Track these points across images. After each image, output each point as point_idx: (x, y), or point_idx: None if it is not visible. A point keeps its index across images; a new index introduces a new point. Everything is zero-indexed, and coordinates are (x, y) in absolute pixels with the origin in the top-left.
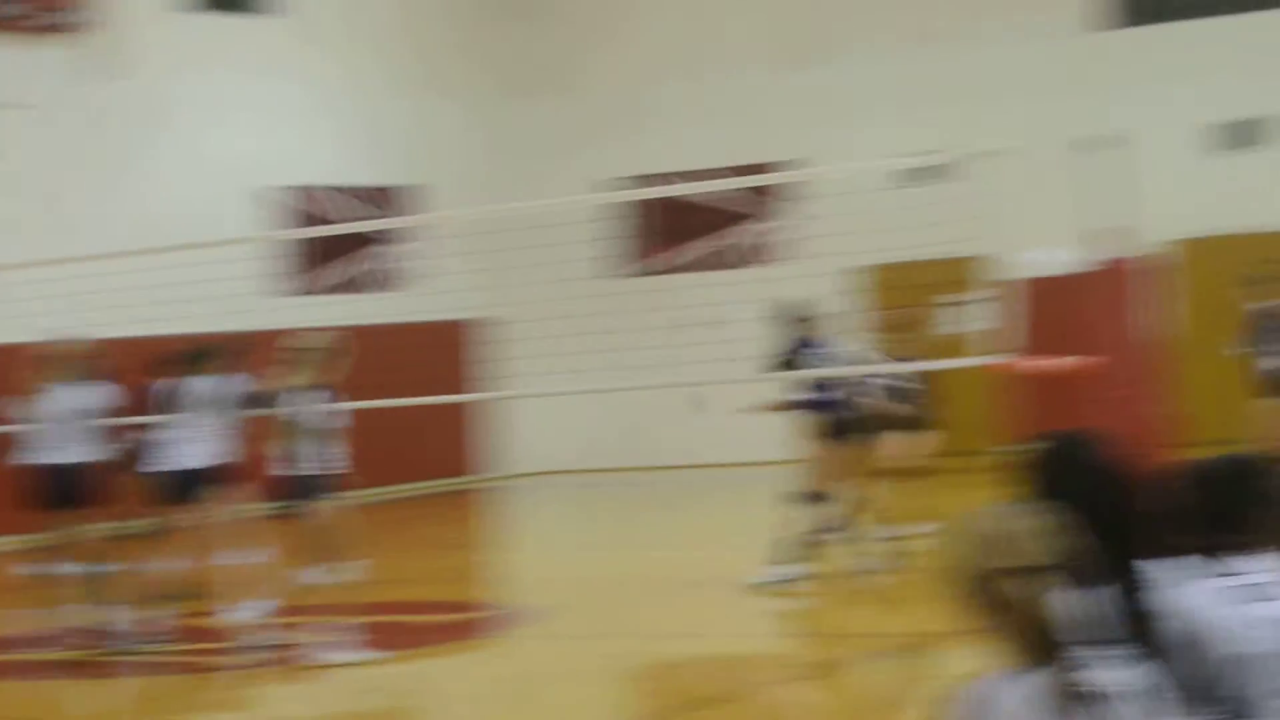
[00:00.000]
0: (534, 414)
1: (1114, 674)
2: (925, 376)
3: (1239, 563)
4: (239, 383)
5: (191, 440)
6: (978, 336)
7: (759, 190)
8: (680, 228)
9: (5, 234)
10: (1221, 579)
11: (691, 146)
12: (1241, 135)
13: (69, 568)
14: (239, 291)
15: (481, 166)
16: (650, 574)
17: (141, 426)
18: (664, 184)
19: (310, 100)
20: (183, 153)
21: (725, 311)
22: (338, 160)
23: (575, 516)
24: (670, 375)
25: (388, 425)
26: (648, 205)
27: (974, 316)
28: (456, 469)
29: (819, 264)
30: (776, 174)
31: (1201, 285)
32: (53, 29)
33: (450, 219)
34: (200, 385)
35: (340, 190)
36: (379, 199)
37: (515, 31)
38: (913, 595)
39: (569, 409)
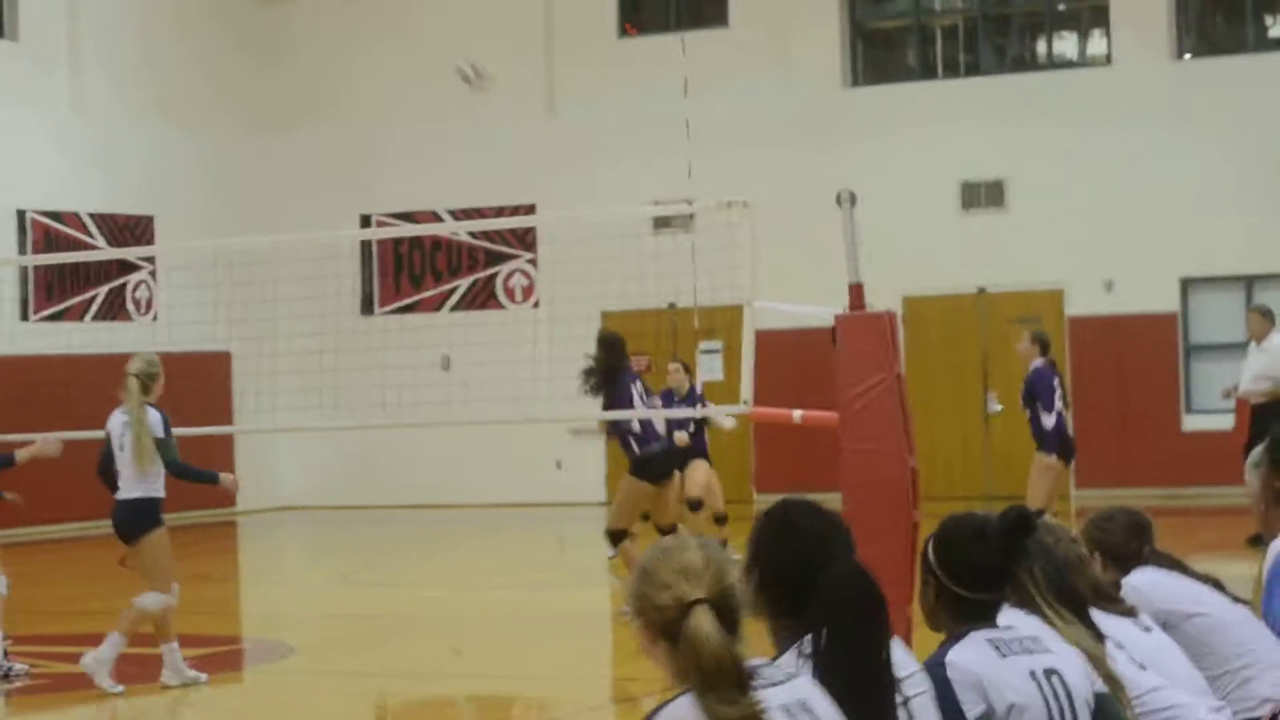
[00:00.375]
0: (284, 449)
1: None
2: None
3: (1010, 616)
4: None
5: None
6: (717, 384)
7: (506, 232)
8: (416, 268)
9: None
10: (993, 632)
11: (429, 187)
12: (990, 195)
13: None
14: None
15: (212, 199)
16: (408, 612)
17: None
18: (401, 223)
19: (44, 124)
20: None
21: (472, 352)
22: (75, 187)
23: (330, 552)
24: (410, 415)
25: None
26: (385, 245)
27: (714, 365)
28: (211, 501)
29: (566, 308)
30: (524, 217)
31: (950, 341)
32: None
33: (184, 251)
34: None
35: (82, 216)
36: (115, 226)
37: (254, 66)
38: None
39: (318, 445)
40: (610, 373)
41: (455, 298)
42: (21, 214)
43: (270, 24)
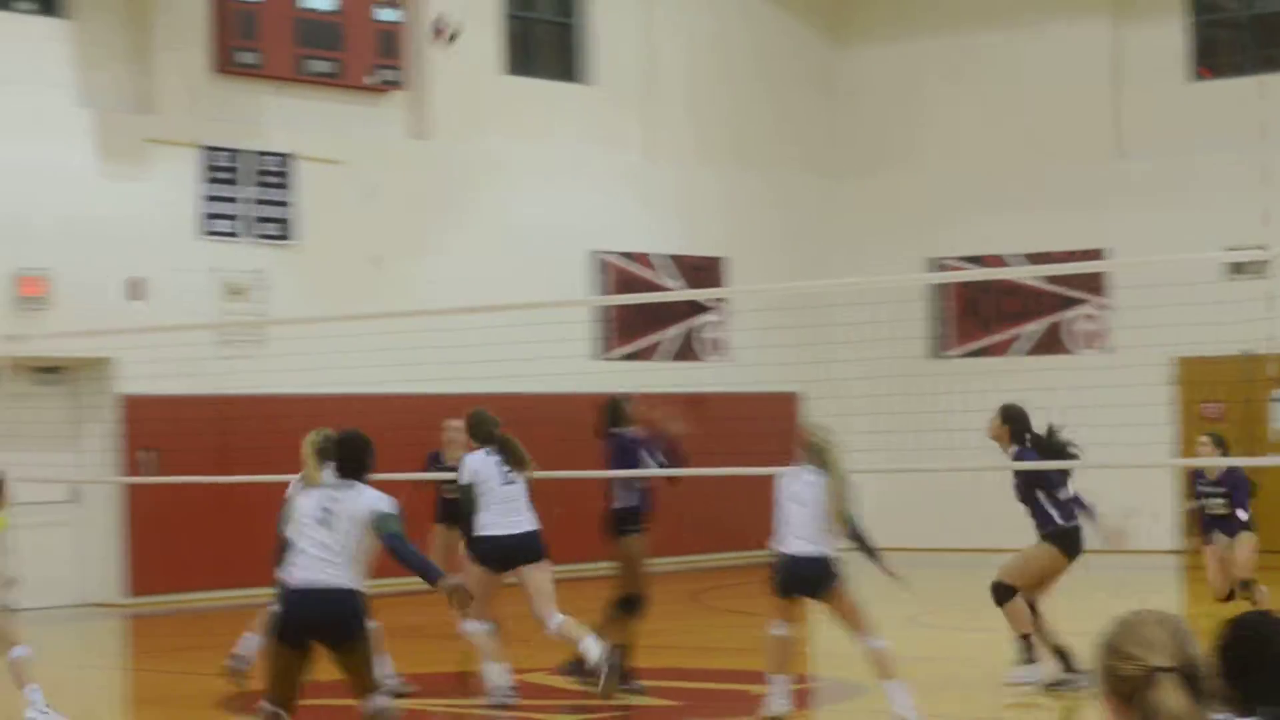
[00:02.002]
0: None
1: None
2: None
3: None
4: None
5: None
6: None
7: (1072, 276)
8: (984, 311)
9: (329, 290)
10: None
11: (996, 230)
12: None
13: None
14: (558, 354)
15: (782, 241)
16: (969, 655)
17: None
18: (971, 267)
19: (617, 167)
20: (501, 214)
21: (1039, 397)
22: (648, 228)
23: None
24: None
25: (698, 494)
26: (954, 288)
27: None
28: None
29: (1138, 354)
30: (1096, 262)
31: None
32: (369, 88)
33: (755, 292)
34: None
35: (655, 257)
36: (691, 268)
37: (827, 109)
38: None
39: (883, 485)
40: None
41: (1023, 342)
42: (596, 255)
43: (844, 67)
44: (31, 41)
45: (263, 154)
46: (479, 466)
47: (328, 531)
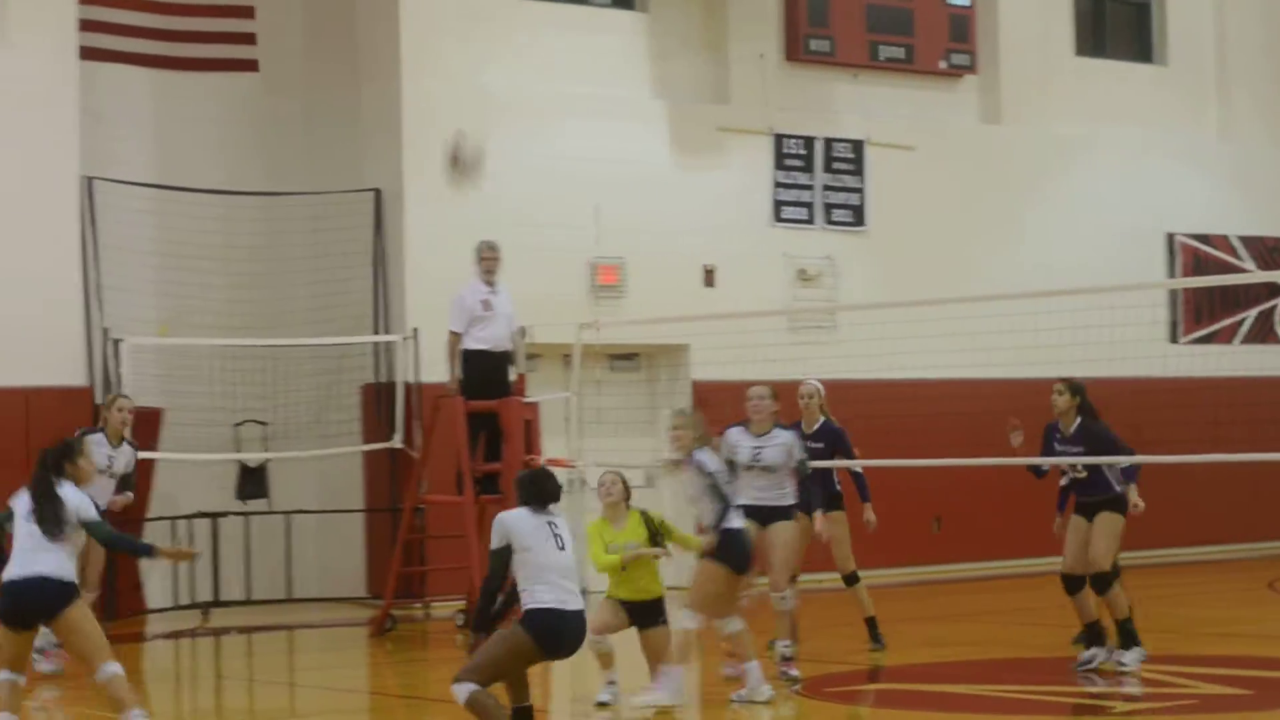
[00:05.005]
0: None
1: None
2: None
3: None
4: None
5: None
6: None
7: None
8: None
9: (899, 275)
10: None
11: None
12: None
13: None
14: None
15: None
16: None
17: None
18: None
19: (1190, 148)
20: (1072, 197)
21: None
22: (1222, 209)
23: None
24: None
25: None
26: None
27: None
28: None
29: None
30: None
31: None
32: (941, 73)
33: None
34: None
35: (1230, 239)
36: (1264, 249)
37: None
38: None
39: None
40: None
41: None
42: (1171, 237)
43: None
44: (608, 35)
45: (834, 140)
46: None
47: None
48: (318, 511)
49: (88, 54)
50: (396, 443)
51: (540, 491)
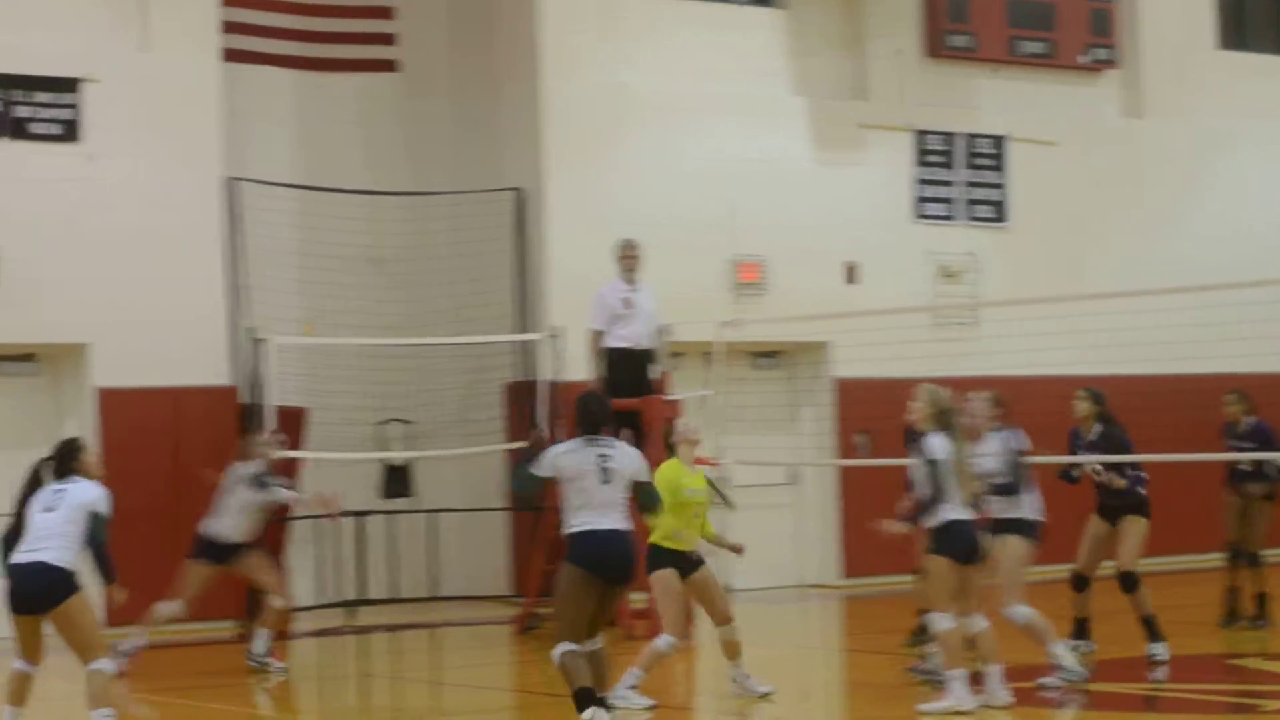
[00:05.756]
0: None
1: None
2: None
3: None
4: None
5: None
6: None
7: None
8: None
9: (1041, 271)
10: None
11: None
12: None
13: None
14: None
15: None
16: None
17: None
18: None
19: None
20: (1217, 192)
21: None
22: None
23: None
24: None
25: None
26: None
27: None
28: None
29: None
30: None
31: None
32: (1083, 67)
33: None
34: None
35: None
36: None
37: None
38: None
39: None
40: None
41: None
42: None
43: None
44: (748, 32)
45: (975, 136)
46: None
47: None
48: (461, 510)
49: (230, 56)
50: None
51: (585, 415)
